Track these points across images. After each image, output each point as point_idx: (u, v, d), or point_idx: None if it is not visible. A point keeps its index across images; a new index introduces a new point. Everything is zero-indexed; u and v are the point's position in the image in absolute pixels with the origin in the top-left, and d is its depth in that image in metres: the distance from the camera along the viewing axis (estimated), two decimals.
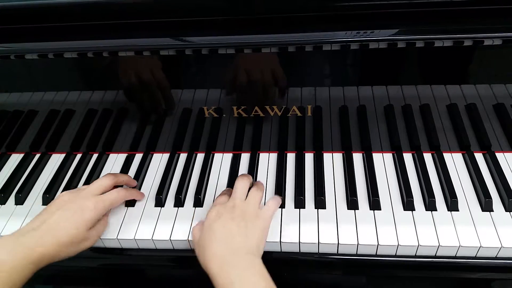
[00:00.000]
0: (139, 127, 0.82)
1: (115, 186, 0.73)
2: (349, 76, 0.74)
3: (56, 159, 0.86)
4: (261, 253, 0.64)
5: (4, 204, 0.78)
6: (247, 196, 0.69)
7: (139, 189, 0.78)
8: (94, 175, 0.81)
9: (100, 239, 0.69)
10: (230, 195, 0.70)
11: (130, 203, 0.75)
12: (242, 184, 0.70)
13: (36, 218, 0.65)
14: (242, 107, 0.76)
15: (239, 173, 0.79)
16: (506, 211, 0.69)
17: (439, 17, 0.66)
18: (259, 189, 0.71)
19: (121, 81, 0.76)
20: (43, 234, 0.61)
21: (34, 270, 0.60)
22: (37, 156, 0.87)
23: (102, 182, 0.70)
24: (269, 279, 0.58)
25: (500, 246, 0.64)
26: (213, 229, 0.63)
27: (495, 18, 0.65)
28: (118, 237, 0.70)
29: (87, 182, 0.80)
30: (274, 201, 0.70)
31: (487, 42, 0.65)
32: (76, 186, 0.80)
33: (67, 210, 0.64)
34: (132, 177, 0.79)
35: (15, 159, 0.87)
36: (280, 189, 0.75)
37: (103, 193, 0.69)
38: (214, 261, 0.59)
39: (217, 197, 0.71)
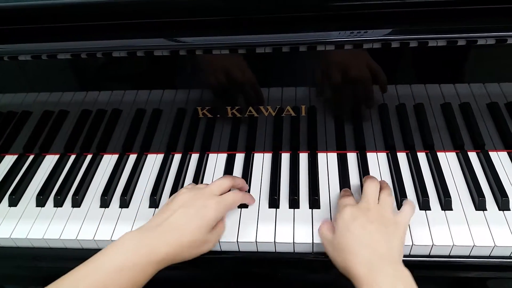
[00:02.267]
0: (133, 128, 0.82)
1: None
2: (342, 76, 0.73)
3: (50, 161, 0.86)
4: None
5: None
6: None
7: (133, 191, 0.78)
8: (88, 176, 0.81)
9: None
10: (352, 196, 0.69)
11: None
12: (373, 187, 0.68)
13: (158, 215, 0.63)
14: (236, 108, 0.76)
15: (234, 173, 0.80)
16: (499, 210, 0.69)
17: (433, 17, 0.66)
18: (390, 193, 0.68)
19: (115, 81, 0.76)
20: (166, 232, 0.60)
21: (155, 270, 0.59)
22: (31, 157, 0.87)
23: (222, 182, 0.68)
24: None
25: (493, 245, 0.64)
26: (352, 230, 0.60)
27: (488, 18, 0.65)
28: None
29: (82, 183, 0.80)
30: (410, 206, 0.67)
31: (480, 42, 0.65)
32: (70, 188, 0.80)
33: (190, 207, 0.63)
34: (126, 178, 0.79)
35: (8, 160, 0.87)
36: (274, 189, 0.74)
37: (221, 194, 0.68)
38: (360, 264, 0.57)
39: (341, 198, 0.68)
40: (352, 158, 0.80)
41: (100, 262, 0.57)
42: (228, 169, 0.80)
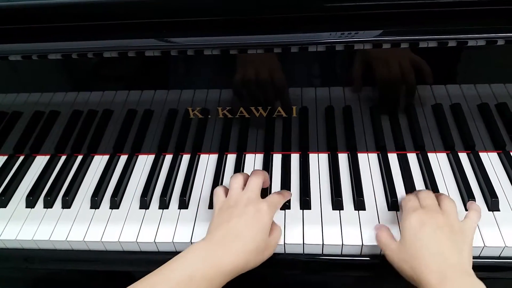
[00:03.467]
0: (124, 128, 0.81)
1: None
2: (334, 77, 0.74)
3: (40, 161, 0.86)
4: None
5: None
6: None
7: (123, 192, 0.78)
8: (78, 177, 0.81)
9: None
10: (416, 197, 0.66)
11: None
12: (430, 194, 0.66)
13: (217, 226, 0.62)
14: (227, 108, 0.76)
15: (225, 174, 0.79)
16: (489, 210, 0.70)
17: (424, 18, 0.66)
18: (452, 200, 0.66)
19: (106, 82, 0.75)
20: (230, 242, 0.59)
21: (223, 281, 0.57)
22: (21, 158, 0.87)
23: (257, 181, 0.67)
24: None
25: (483, 245, 0.64)
26: (421, 237, 0.58)
27: (479, 19, 0.65)
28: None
29: (72, 184, 0.79)
30: (476, 212, 0.66)
31: (471, 43, 0.65)
32: (60, 189, 0.80)
33: (246, 214, 0.61)
34: (117, 179, 0.79)
35: None
36: (265, 191, 0.74)
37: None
38: (432, 274, 0.55)
39: (405, 199, 0.66)
40: (343, 158, 0.80)
41: (169, 273, 0.56)
42: (219, 170, 0.80)
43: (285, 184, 0.76)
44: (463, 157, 0.79)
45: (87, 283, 0.85)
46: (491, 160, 0.78)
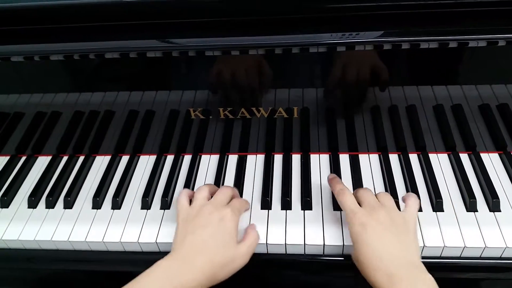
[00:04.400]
0: (126, 129, 0.82)
1: None
2: (335, 78, 0.73)
3: (42, 162, 0.86)
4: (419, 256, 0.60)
5: None
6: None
7: (125, 192, 0.78)
8: (80, 178, 0.81)
9: None
10: (347, 190, 0.66)
11: None
12: (367, 191, 0.66)
13: (180, 240, 0.61)
14: (228, 109, 0.76)
15: (227, 175, 0.80)
16: (490, 211, 0.70)
17: (424, 19, 0.66)
18: (388, 194, 0.67)
19: (108, 83, 0.76)
20: (195, 256, 0.58)
21: None
22: (23, 158, 0.87)
23: (226, 191, 0.67)
24: None
25: (484, 246, 0.65)
26: (366, 241, 0.58)
27: (480, 20, 0.66)
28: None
29: (74, 185, 0.79)
30: (413, 199, 0.66)
31: (471, 44, 0.65)
32: (62, 189, 0.80)
33: (210, 223, 0.61)
34: (118, 179, 0.80)
35: (0, 161, 0.87)
36: (267, 191, 0.75)
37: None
38: (382, 276, 0.56)
39: (342, 201, 0.65)
40: (344, 159, 0.80)
41: None
42: (221, 171, 0.80)
43: (286, 184, 0.75)
44: (464, 158, 0.79)
45: (89, 283, 0.85)
46: (492, 161, 0.78)
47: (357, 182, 0.75)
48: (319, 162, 0.80)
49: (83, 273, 0.79)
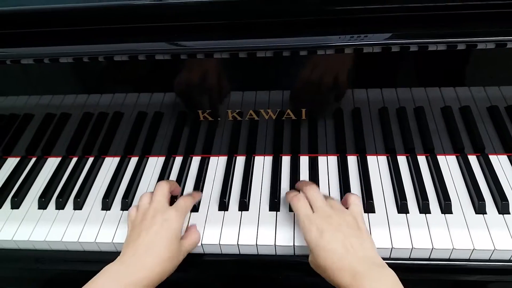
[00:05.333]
0: (135, 130, 0.82)
1: None
2: (343, 79, 0.74)
3: (52, 163, 0.87)
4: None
5: (0, 208, 0.79)
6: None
7: (134, 193, 0.79)
8: (89, 179, 0.82)
9: None
10: (301, 195, 0.67)
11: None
12: (317, 193, 0.67)
13: (128, 244, 0.63)
14: (237, 111, 0.76)
15: (235, 176, 0.80)
16: (499, 213, 0.70)
17: (433, 21, 0.66)
18: (332, 197, 0.69)
19: (117, 84, 0.76)
20: (143, 256, 0.60)
21: None
22: (33, 160, 0.88)
23: (162, 189, 0.68)
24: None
25: (493, 248, 0.64)
26: (325, 247, 0.59)
27: (488, 22, 0.65)
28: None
29: (83, 186, 0.80)
30: (354, 197, 0.68)
31: (480, 46, 0.65)
32: (72, 190, 0.81)
33: (154, 225, 0.63)
34: (128, 180, 0.80)
35: (11, 163, 0.88)
36: (275, 192, 0.75)
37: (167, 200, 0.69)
38: (343, 275, 0.57)
39: (295, 205, 0.66)
40: (352, 161, 0.80)
41: None
42: (229, 172, 0.80)
43: (294, 186, 0.76)
44: (473, 159, 0.78)
45: None
46: (501, 163, 0.78)
47: (366, 183, 0.75)
48: (327, 164, 0.80)
49: (93, 274, 0.79)
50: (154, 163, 0.84)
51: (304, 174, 0.79)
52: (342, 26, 0.68)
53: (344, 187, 0.75)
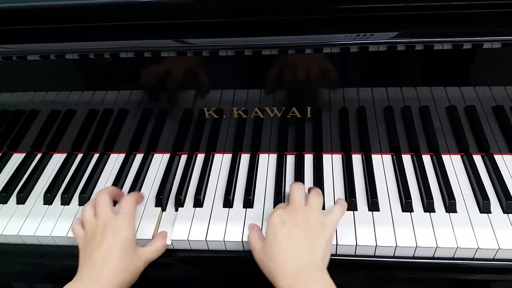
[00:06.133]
0: (140, 127, 0.83)
1: None
2: (348, 78, 0.74)
3: (57, 159, 0.87)
4: (327, 264, 0.61)
5: (6, 203, 0.79)
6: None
7: (139, 190, 0.79)
8: (95, 175, 0.82)
9: None
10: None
11: None
12: (299, 189, 0.68)
13: (82, 263, 0.63)
14: (242, 108, 0.77)
15: (239, 174, 0.80)
16: (504, 213, 0.70)
17: (439, 20, 0.66)
18: (319, 194, 0.68)
19: (122, 81, 0.76)
20: (98, 272, 0.60)
21: None
22: (39, 155, 0.88)
23: (102, 200, 0.68)
24: None
25: (497, 247, 0.64)
26: (279, 238, 0.60)
27: (494, 21, 0.66)
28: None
29: (89, 182, 0.80)
30: (340, 206, 0.67)
31: (486, 45, 0.65)
32: (77, 186, 0.81)
33: (105, 240, 0.63)
34: (133, 177, 0.80)
35: (16, 158, 0.88)
36: (279, 190, 0.75)
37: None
38: (284, 276, 0.57)
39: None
40: (357, 160, 0.81)
41: None
42: (233, 169, 0.80)
43: None
44: (478, 159, 0.78)
45: None
46: (506, 163, 0.78)
47: (370, 182, 0.75)
48: (332, 162, 0.81)
49: None
50: (159, 160, 0.84)
51: (308, 172, 0.79)
52: (348, 24, 0.68)
53: (349, 185, 0.75)
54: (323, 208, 0.72)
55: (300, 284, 0.56)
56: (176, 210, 0.74)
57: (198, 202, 0.74)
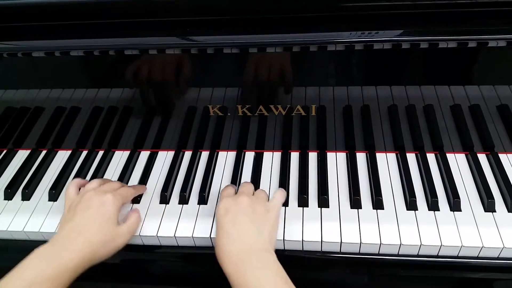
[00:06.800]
0: (145, 125, 0.83)
1: None
2: (353, 76, 0.74)
3: (62, 156, 0.87)
4: (274, 246, 0.64)
5: (11, 199, 0.79)
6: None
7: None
8: (100, 172, 0.82)
9: None
10: (233, 187, 0.71)
11: (135, 200, 0.76)
12: (249, 184, 0.71)
13: (62, 225, 0.64)
14: (247, 106, 0.77)
15: (243, 171, 0.81)
16: (508, 211, 0.70)
17: (444, 18, 0.66)
18: (264, 191, 0.72)
19: (127, 79, 0.76)
20: (73, 239, 0.61)
21: (74, 275, 0.59)
22: (44, 152, 0.88)
23: (112, 185, 0.71)
24: (285, 276, 0.58)
25: (502, 246, 0.65)
26: (224, 226, 0.63)
27: (499, 20, 0.65)
28: None
29: (93, 178, 0.80)
30: (280, 192, 0.71)
31: (491, 44, 0.65)
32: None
33: (90, 208, 0.64)
34: (139, 174, 0.81)
35: (21, 155, 0.88)
36: (283, 187, 0.75)
37: None
38: (229, 260, 0.59)
39: (223, 189, 0.71)
40: (361, 158, 0.81)
41: (12, 279, 0.56)
42: (237, 167, 0.81)
43: (302, 181, 0.76)
44: (482, 158, 0.78)
45: (103, 275, 0.86)
46: (510, 162, 0.78)
47: (374, 180, 0.75)
48: (336, 160, 0.81)
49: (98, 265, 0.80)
50: (164, 157, 0.85)
51: (312, 170, 0.79)
52: (353, 22, 0.68)
53: (353, 183, 0.75)
54: (327, 205, 0.72)
55: (243, 263, 0.58)
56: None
57: (203, 199, 0.75)
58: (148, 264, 0.78)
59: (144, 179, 0.80)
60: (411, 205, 0.71)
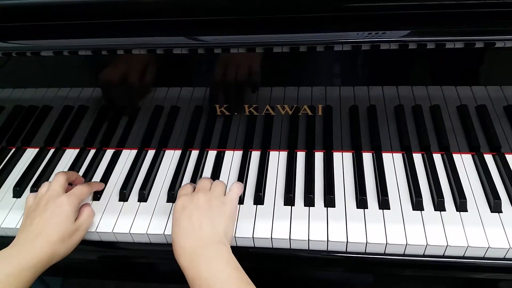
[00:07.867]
0: (152, 124, 0.83)
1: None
2: (360, 76, 0.74)
3: (70, 154, 0.88)
4: (230, 239, 0.65)
5: (20, 197, 0.80)
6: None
7: (151, 184, 0.80)
8: (109, 171, 0.83)
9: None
10: (191, 185, 0.72)
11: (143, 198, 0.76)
12: (206, 180, 0.72)
13: (22, 230, 0.67)
14: (253, 106, 0.77)
15: (250, 171, 0.81)
16: None
17: (451, 19, 0.66)
18: (221, 181, 0.73)
19: (133, 78, 0.77)
20: (33, 240, 0.63)
21: (35, 273, 0.62)
22: (52, 151, 0.89)
23: (58, 179, 0.72)
24: (237, 266, 0.60)
25: (508, 247, 0.65)
26: (179, 222, 0.64)
27: (506, 20, 0.65)
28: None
29: (102, 178, 0.82)
30: (236, 185, 0.72)
31: (498, 44, 0.65)
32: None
33: (46, 211, 0.66)
34: (145, 172, 0.81)
35: (30, 153, 0.89)
36: (290, 187, 0.75)
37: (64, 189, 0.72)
38: (183, 254, 0.60)
39: (181, 188, 0.71)
40: (367, 158, 0.81)
41: None
42: (244, 166, 0.81)
43: (309, 181, 0.76)
44: (489, 158, 0.78)
45: (107, 273, 0.87)
46: None
47: (381, 180, 0.75)
48: (342, 160, 0.81)
49: (103, 264, 0.81)
50: (171, 156, 0.85)
51: (318, 169, 0.79)
52: (360, 22, 0.68)
53: (359, 183, 0.75)
54: (334, 205, 0.72)
55: (198, 256, 0.59)
56: None
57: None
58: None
59: (151, 178, 0.80)
60: (417, 205, 0.71)
